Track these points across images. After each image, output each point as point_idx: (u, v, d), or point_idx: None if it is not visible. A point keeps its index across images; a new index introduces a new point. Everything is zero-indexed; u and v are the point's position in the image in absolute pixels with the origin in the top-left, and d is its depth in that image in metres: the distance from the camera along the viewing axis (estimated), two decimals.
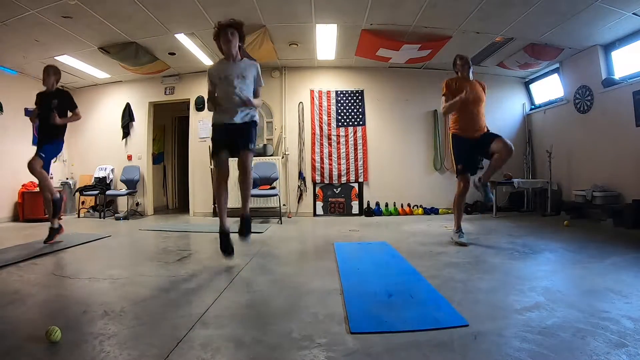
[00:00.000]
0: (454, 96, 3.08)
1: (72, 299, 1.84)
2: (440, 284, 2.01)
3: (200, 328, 1.45)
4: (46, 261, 2.73)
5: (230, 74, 2.52)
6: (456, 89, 3.11)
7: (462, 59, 3.23)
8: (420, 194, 5.93)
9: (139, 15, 3.95)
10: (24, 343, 1.33)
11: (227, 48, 2.51)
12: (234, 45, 2.51)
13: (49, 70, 3.43)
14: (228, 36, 2.48)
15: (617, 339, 1.27)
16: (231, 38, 2.49)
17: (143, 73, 5.81)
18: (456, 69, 3.28)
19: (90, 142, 6.48)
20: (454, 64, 3.29)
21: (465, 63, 3.21)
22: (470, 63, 3.23)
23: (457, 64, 3.25)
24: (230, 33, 2.49)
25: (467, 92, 3.01)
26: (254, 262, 2.64)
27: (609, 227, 4.03)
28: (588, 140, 4.89)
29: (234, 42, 2.51)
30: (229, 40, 2.49)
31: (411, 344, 1.30)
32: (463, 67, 3.20)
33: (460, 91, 3.05)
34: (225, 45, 2.50)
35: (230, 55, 2.55)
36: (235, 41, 2.52)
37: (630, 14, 3.82)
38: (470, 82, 3.17)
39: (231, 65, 2.56)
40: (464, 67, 3.20)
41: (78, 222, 5.32)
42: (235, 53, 2.55)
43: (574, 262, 2.47)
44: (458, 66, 3.24)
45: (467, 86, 3.09)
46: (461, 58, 3.24)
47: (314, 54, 5.45)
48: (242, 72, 2.54)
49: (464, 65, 3.20)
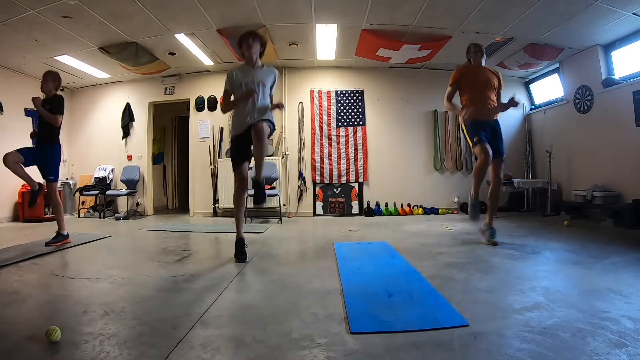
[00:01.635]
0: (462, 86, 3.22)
1: (72, 299, 1.83)
2: (440, 284, 2.01)
3: (200, 328, 1.45)
4: (46, 261, 2.73)
5: (250, 81, 2.65)
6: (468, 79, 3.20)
7: (476, 46, 3.27)
8: (420, 194, 5.93)
9: (139, 15, 3.95)
10: (24, 343, 1.33)
11: (249, 53, 2.67)
12: (255, 51, 2.68)
13: (48, 76, 3.34)
14: (249, 41, 2.66)
15: (617, 339, 1.27)
16: (252, 44, 2.66)
17: (143, 73, 5.81)
18: (469, 56, 3.31)
19: (90, 142, 6.48)
20: (467, 51, 3.31)
21: (479, 50, 3.23)
22: (483, 51, 3.26)
23: (470, 51, 3.28)
24: (251, 39, 2.67)
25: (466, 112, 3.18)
26: (254, 262, 2.64)
27: (609, 227, 4.02)
28: (588, 140, 4.89)
29: (255, 48, 2.68)
30: (251, 46, 2.66)
31: (411, 344, 1.30)
32: (476, 54, 3.24)
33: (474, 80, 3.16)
34: (247, 51, 2.67)
35: (251, 61, 2.70)
36: (256, 47, 2.69)
37: (630, 14, 3.82)
38: (480, 69, 3.22)
39: (251, 71, 2.70)
40: (477, 54, 3.23)
41: (78, 222, 5.32)
42: (255, 58, 2.70)
43: (574, 262, 2.47)
44: (471, 53, 3.27)
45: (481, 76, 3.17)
46: (475, 45, 3.28)
47: (314, 54, 5.45)
48: (262, 80, 2.68)
49: (477, 52, 3.23)
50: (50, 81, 3.33)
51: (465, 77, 3.24)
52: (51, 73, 3.39)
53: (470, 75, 3.24)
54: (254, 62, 2.70)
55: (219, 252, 3.29)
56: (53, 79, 3.36)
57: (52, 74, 3.38)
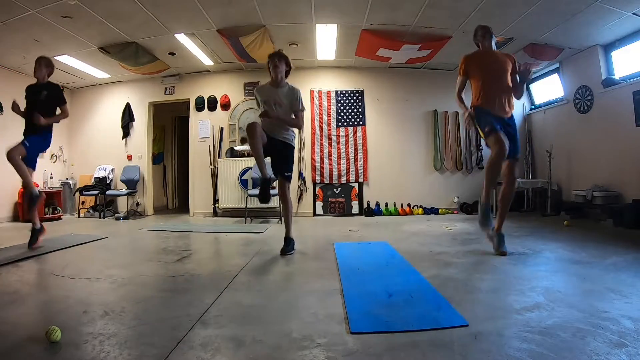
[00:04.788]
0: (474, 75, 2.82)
1: (72, 299, 1.83)
2: (440, 284, 2.01)
3: (200, 328, 1.45)
4: (46, 261, 2.73)
5: (270, 99, 2.86)
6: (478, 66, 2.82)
7: (484, 28, 2.90)
8: (420, 194, 5.93)
9: (139, 15, 3.95)
10: (24, 343, 1.33)
11: (275, 73, 2.84)
12: (280, 71, 2.85)
13: (41, 61, 3.24)
14: (275, 62, 2.83)
15: (617, 339, 1.27)
16: (278, 64, 2.84)
17: (143, 73, 5.81)
18: (476, 41, 2.95)
19: (90, 142, 6.48)
20: (475, 35, 2.95)
21: (487, 32, 2.86)
22: (492, 32, 2.88)
23: (478, 35, 2.91)
24: (277, 59, 2.84)
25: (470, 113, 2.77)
26: (254, 262, 2.64)
27: (609, 227, 4.02)
28: (588, 140, 4.89)
29: (281, 67, 2.85)
30: (277, 66, 2.83)
31: (411, 344, 1.30)
32: (484, 37, 2.86)
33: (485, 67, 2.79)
34: (273, 71, 2.84)
35: (276, 80, 2.88)
36: (281, 67, 2.86)
37: (630, 14, 3.81)
38: (492, 55, 2.86)
39: (273, 90, 2.89)
40: (485, 37, 2.86)
41: (78, 222, 5.32)
42: (280, 78, 2.87)
43: (574, 262, 2.47)
44: (479, 37, 2.91)
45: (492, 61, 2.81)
46: (482, 27, 2.91)
47: (314, 54, 5.45)
48: (280, 100, 2.86)
49: (485, 35, 2.86)
50: (44, 67, 3.25)
51: (474, 65, 2.83)
52: (44, 58, 3.29)
53: (480, 62, 2.84)
54: (278, 81, 2.87)
55: (219, 252, 3.29)
56: (47, 64, 3.28)
57: (45, 59, 3.29)
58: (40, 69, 3.23)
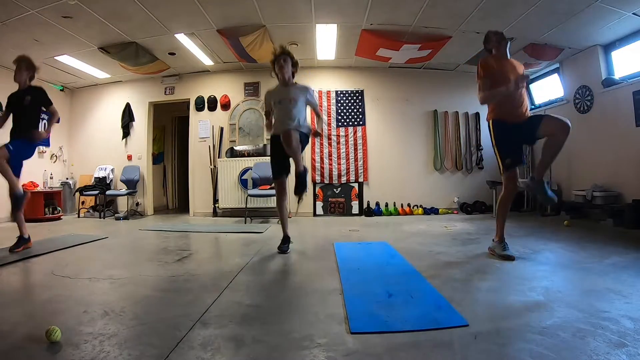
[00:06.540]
0: (494, 80, 2.54)
1: (72, 299, 1.83)
2: (440, 284, 2.01)
3: (200, 328, 1.45)
4: (46, 261, 2.73)
5: (283, 98, 2.88)
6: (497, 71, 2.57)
7: (497, 34, 2.70)
8: (420, 194, 5.93)
9: (139, 15, 3.95)
10: (24, 343, 1.33)
11: (282, 73, 2.87)
12: (286, 71, 2.87)
13: (21, 64, 2.96)
14: (281, 63, 2.85)
15: (617, 339, 1.27)
16: (284, 64, 2.86)
17: (143, 73, 5.81)
18: (490, 46, 2.74)
19: (90, 142, 6.48)
20: (487, 40, 2.75)
21: (502, 39, 2.67)
22: (507, 39, 2.69)
23: (492, 41, 2.70)
24: (283, 60, 2.86)
25: (512, 83, 2.48)
26: (254, 262, 2.64)
27: (609, 227, 4.02)
28: (588, 140, 4.88)
29: (287, 67, 2.87)
30: (282, 67, 2.85)
31: (411, 344, 1.30)
32: (500, 44, 2.66)
33: (503, 74, 2.54)
34: (280, 72, 2.87)
35: (284, 80, 2.90)
36: (288, 67, 2.88)
37: (630, 14, 3.82)
38: (507, 62, 2.67)
39: (284, 89, 2.92)
40: (501, 44, 2.66)
41: (78, 222, 5.32)
42: (288, 77, 2.90)
43: (574, 262, 2.47)
44: (493, 43, 2.70)
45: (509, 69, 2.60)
46: (496, 34, 2.71)
47: (314, 54, 5.45)
48: (293, 97, 2.88)
49: (501, 41, 2.66)
50: (25, 70, 2.98)
51: (491, 71, 2.59)
52: (25, 60, 3.01)
53: (497, 70, 2.59)
54: (287, 81, 2.91)
55: (219, 252, 3.29)
56: (27, 66, 3.00)
57: (25, 60, 3.01)
58: (20, 72, 2.98)
